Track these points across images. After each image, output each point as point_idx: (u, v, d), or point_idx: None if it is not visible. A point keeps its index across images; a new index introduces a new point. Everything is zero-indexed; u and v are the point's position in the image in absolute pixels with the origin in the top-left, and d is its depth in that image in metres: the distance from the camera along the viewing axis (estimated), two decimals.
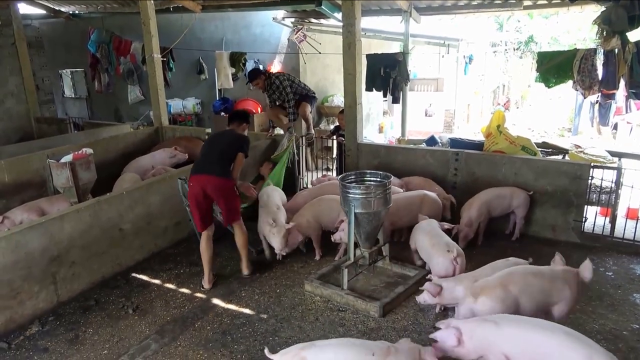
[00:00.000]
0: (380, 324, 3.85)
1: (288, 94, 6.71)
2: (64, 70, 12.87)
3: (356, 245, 4.29)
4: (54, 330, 3.96)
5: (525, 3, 7.14)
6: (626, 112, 9.27)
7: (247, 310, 4.11)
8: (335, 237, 4.62)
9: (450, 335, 2.73)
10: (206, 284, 4.52)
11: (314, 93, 7.32)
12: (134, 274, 4.86)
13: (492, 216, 5.11)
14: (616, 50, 5.81)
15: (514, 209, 5.18)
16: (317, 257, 4.99)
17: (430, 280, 3.52)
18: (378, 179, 4.30)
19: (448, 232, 4.44)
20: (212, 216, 4.57)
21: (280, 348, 3.55)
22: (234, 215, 4.55)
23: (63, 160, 5.66)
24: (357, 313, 3.99)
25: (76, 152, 5.84)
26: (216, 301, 4.28)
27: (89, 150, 5.95)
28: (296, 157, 6.60)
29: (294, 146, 6.46)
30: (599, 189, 5.26)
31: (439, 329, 2.87)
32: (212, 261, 4.52)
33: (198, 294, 4.43)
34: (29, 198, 5.84)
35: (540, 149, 6.02)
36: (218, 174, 4.34)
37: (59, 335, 3.90)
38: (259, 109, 9.35)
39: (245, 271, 4.72)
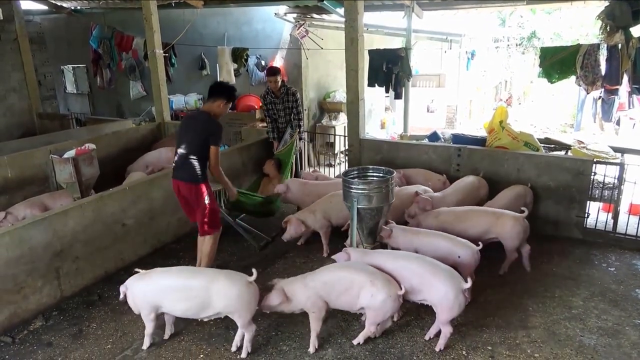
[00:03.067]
0: None
1: (300, 110, 6.58)
2: (65, 66, 12.85)
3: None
4: (58, 325, 3.98)
5: None
6: (629, 107, 9.28)
7: None
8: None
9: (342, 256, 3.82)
10: None
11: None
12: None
13: None
14: (620, 45, 5.79)
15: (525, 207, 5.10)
16: (325, 254, 4.91)
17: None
18: (380, 175, 4.30)
19: None
20: None
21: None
22: (206, 227, 4.27)
23: (66, 155, 5.67)
24: None
25: (79, 148, 5.85)
26: None
27: (92, 146, 5.96)
28: (297, 153, 6.59)
29: (297, 143, 6.45)
30: (601, 185, 5.26)
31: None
32: None
33: None
34: (32, 194, 5.86)
35: (542, 145, 6.00)
36: (186, 180, 4.16)
37: (62, 329, 3.92)
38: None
39: None
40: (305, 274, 3.54)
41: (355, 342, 3.53)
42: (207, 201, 4.23)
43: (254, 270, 3.34)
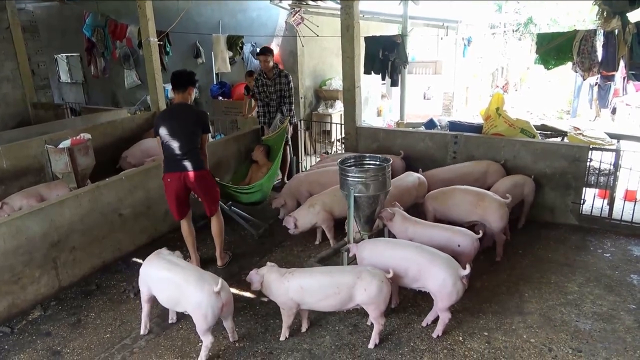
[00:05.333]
0: None
1: (291, 94, 6.52)
2: (59, 55, 12.72)
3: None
4: (56, 315, 4.00)
5: None
6: (623, 93, 9.28)
7: (247, 294, 4.14)
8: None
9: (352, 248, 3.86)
10: None
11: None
12: (134, 259, 4.87)
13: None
14: (616, 31, 5.77)
15: (524, 197, 5.07)
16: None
17: None
18: (377, 162, 4.30)
19: None
20: (188, 203, 4.46)
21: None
22: (215, 205, 4.51)
23: (61, 145, 5.65)
24: None
25: (74, 138, 5.83)
26: None
27: (87, 136, 5.94)
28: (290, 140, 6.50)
29: (289, 129, 6.34)
30: (597, 171, 5.27)
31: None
32: (195, 244, 4.57)
33: None
34: (28, 184, 5.84)
35: (539, 132, 6.01)
36: (195, 168, 4.22)
37: (61, 319, 3.94)
38: None
39: (219, 262, 4.63)
40: (286, 271, 3.48)
41: (371, 345, 3.42)
42: (214, 184, 4.49)
43: (220, 280, 3.22)
